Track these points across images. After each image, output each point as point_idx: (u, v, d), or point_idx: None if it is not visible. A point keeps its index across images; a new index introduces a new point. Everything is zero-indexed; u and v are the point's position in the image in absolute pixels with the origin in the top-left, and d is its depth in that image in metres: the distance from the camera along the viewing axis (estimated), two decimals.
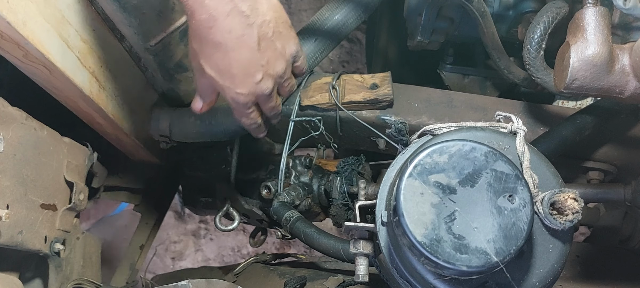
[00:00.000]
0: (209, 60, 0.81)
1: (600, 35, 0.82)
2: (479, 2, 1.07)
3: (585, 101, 1.32)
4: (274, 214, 1.13)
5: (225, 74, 0.82)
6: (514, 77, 1.16)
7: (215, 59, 0.80)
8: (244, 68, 0.81)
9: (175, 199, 2.18)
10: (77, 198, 1.03)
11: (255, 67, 0.82)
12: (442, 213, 0.63)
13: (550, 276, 0.67)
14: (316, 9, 1.32)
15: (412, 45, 1.27)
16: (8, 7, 0.73)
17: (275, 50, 0.84)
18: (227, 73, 0.81)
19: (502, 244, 0.61)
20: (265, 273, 1.08)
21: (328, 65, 2.49)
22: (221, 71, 0.81)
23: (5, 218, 0.85)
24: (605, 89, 0.84)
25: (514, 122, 0.73)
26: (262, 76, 0.83)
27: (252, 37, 0.78)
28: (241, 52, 0.79)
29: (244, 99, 0.85)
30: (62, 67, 0.87)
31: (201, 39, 0.78)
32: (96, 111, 1.01)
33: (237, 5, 0.75)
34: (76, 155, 1.05)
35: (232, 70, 0.81)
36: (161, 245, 2.36)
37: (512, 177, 0.64)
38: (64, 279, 1.03)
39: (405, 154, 0.78)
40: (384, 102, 1.15)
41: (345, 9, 1.15)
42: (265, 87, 0.85)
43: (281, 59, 0.86)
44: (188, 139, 1.20)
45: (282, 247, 2.33)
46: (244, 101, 0.86)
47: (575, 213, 0.64)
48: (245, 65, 0.81)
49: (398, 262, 0.71)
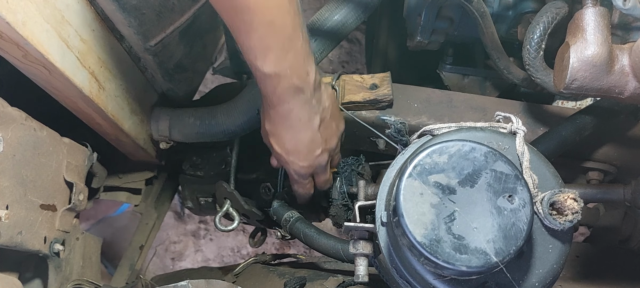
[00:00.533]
0: (279, 141, 0.96)
1: (599, 36, 0.82)
2: (479, 2, 1.07)
3: (585, 101, 1.32)
4: (274, 214, 1.13)
5: (292, 152, 0.97)
6: (514, 77, 1.16)
7: (284, 139, 0.95)
8: (307, 146, 0.96)
9: (175, 199, 2.18)
10: (77, 199, 1.03)
11: (317, 144, 0.97)
12: (442, 213, 0.63)
13: (550, 276, 0.67)
14: (316, 9, 1.32)
15: (412, 46, 1.27)
16: (7, 8, 0.73)
17: (331, 129, 1.00)
18: (293, 150, 0.97)
19: (502, 244, 0.61)
20: (265, 273, 1.08)
21: (328, 65, 2.49)
22: (288, 150, 0.97)
23: (4, 219, 0.85)
24: (604, 89, 0.84)
25: (513, 123, 0.73)
26: (321, 151, 0.98)
27: (316, 122, 0.94)
28: (307, 134, 0.94)
29: (305, 170, 1.00)
30: (62, 67, 0.87)
31: (276, 123, 0.94)
32: (96, 111, 1.01)
33: (308, 100, 0.90)
34: (76, 156, 1.05)
35: (299, 147, 0.96)
36: (161, 245, 2.36)
37: (512, 177, 0.64)
38: (64, 279, 1.03)
39: (405, 154, 0.78)
40: (384, 102, 1.15)
41: (345, 9, 1.15)
42: (323, 160, 1.00)
43: (335, 136, 1.02)
44: (188, 139, 1.20)
45: (282, 247, 2.32)
46: (305, 172, 1.01)
47: (575, 214, 0.64)
48: (309, 144, 0.96)
49: (398, 262, 0.71)
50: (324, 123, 0.96)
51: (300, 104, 0.90)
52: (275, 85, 0.86)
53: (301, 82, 0.87)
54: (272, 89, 0.87)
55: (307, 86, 0.89)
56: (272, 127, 0.95)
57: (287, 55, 0.83)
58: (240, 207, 1.20)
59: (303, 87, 0.88)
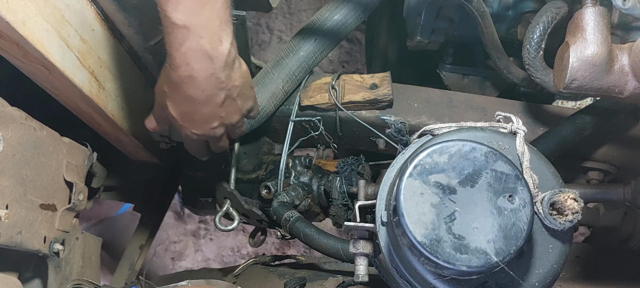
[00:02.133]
0: (175, 105, 0.89)
1: (599, 35, 0.82)
2: (479, 2, 1.07)
3: (585, 101, 1.32)
4: (274, 214, 1.13)
5: (186, 119, 0.91)
6: (514, 77, 1.16)
7: (182, 106, 0.88)
8: (204, 118, 0.91)
9: (175, 199, 2.18)
10: (77, 199, 1.03)
11: (214, 117, 0.92)
12: (442, 213, 0.63)
13: (550, 276, 0.67)
14: (316, 9, 1.32)
15: (412, 45, 1.27)
16: (7, 7, 0.73)
17: (234, 106, 0.93)
18: (188, 118, 0.91)
19: (502, 244, 0.61)
20: (264, 274, 1.08)
21: (328, 65, 2.49)
22: (184, 116, 0.91)
23: (4, 219, 0.85)
24: (604, 88, 0.84)
25: (513, 122, 0.73)
26: (218, 124, 0.93)
27: (219, 97, 0.88)
28: (207, 107, 0.88)
29: (196, 137, 0.95)
30: (62, 67, 0.87)
31: (175, 88, 0.86)
32: (96, 111, 1.01)
33: (216, 72, 0.83)
34: (76, 155, 1.05)
35: (194, 116, 0.90)
36: (161, 245, 2.36)
37: (512, 177, 0.64)
38: (63, 279, 1.03)
39: (405, 154, 0.78)
40: (384, 102, 1.15)
41: (345, 9, 1.15)
42: (218, 132, 0.95)
43: (237, 113, 0.96)
44: None
45: (282, 247, 2.32)
46: (195, 139, 0.96)
47: (575, 214, 0.64)
48: (206, 116, 0.91)
49: (398, 262, 0.71)
50: (228, 99, 0.89)
51: (206, 74, 0.82)
52: (181, 40, 0.78)
53: (211, 49, 0.80)
54: (178, 44, 0.78)
55: (217, 56, 0.81)
56: (170, 90, 0.87)
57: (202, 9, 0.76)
58: (240, 207, 1.20)
59: (212, 55, 0.80)
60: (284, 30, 2.55)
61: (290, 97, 1.21)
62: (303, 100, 1.18)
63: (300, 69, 1.17)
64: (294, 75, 1.16)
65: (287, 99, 1.21)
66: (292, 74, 1.16)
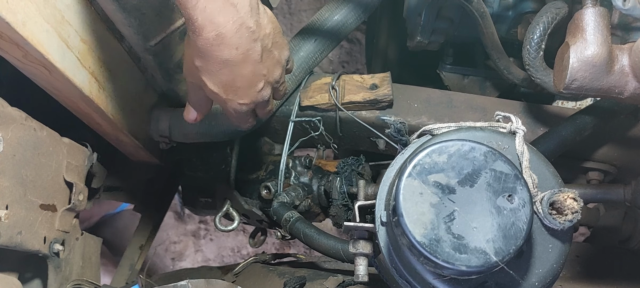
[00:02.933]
0: (213, 77, 0.81)
1: (599, 36, 0.82)
2: (479, 2, 1.07)
3: (585, 101, 1.32)
4: (274, 214, 1.13)
5: (230, 89, 0.83)
6: (514, 77, 1.16)
7: (220, 75, 0.80)
8: (248, 81, 0.83)
9: (175, 199, 2.18)
10: (77, 199, 1.03)
11: (258, 77, 0.84)
12: (442, 213, 0.63)
13: (549, 276, 0.67)
14: (316, 9, 1.32)
15: (412, 46, 1.27)
16: (7, 8, 0.73)
17: (273, 59, 0.86)
18: (231, 87, 0.82)
19: (502, 244, 0.61)
20: (264, 273, 1.08)
21: (328, 65, 2.49)
22: (226, 86, 0.82)
23: (4, 219, 0.85)
24: (604, 89, 0.84)
25: (513, 122, 0.73)
26: (263, 85, 0.86)
27: (256, 51, 0.79)
28: (246, 67, 0.80)
29: (246, 108, 0.88)
30: (62, 68, 0.87)
31: (206, 57, 0.77)
32: (96, 111, 1.01)
33: (244, 22, 0.74)
34: (76, 156, 1.05)
35: (237, 83, 0.82)
36: (161, 245, 2.36)
37: (512, 177, 0.64)
38: (63, 280, 1.03)
39: (404, 154, 0.78)
40: (384, 102, 1.15)
41: (345, 9, 1.15)
42: (265, 94, 0.88)
43: (278, 66, 0.88)
44: (188, 140, 1.20)
45: (282, 247, 2.32)
46: (246, 110, 0.88)
47: (575, 213, 0.64)
48: (250, 78, 0.82)
49: (397, 262, 0.71)
50: (265, 52, 0.81)
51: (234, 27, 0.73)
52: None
53: None
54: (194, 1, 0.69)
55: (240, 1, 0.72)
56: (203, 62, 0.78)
57: None
58: (240, 207, 1.20)
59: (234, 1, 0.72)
60: (284, 31, 2.54)
61: (291, 97, 1.21)
62: (303, 100, 1.18)
63: (300, 69, 1.17)
64: (294, 75, 1.16)
65: (287, 99, 1.21)
66: (292, 74, 1.16)
